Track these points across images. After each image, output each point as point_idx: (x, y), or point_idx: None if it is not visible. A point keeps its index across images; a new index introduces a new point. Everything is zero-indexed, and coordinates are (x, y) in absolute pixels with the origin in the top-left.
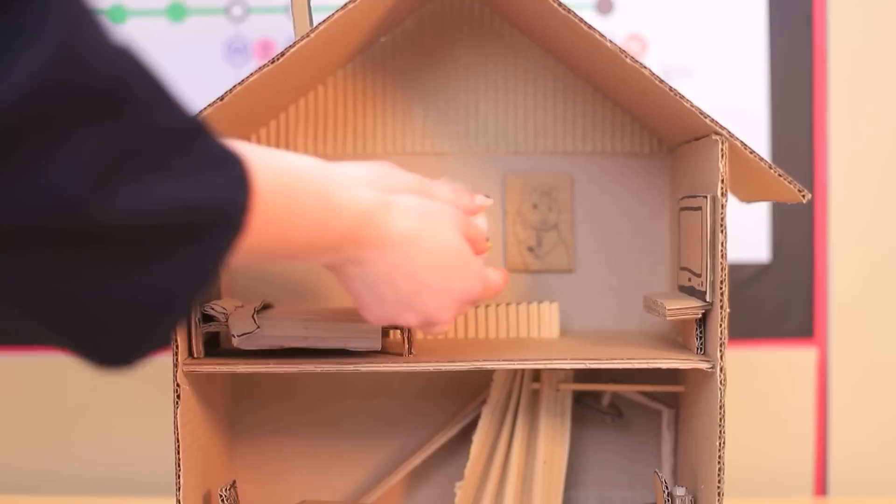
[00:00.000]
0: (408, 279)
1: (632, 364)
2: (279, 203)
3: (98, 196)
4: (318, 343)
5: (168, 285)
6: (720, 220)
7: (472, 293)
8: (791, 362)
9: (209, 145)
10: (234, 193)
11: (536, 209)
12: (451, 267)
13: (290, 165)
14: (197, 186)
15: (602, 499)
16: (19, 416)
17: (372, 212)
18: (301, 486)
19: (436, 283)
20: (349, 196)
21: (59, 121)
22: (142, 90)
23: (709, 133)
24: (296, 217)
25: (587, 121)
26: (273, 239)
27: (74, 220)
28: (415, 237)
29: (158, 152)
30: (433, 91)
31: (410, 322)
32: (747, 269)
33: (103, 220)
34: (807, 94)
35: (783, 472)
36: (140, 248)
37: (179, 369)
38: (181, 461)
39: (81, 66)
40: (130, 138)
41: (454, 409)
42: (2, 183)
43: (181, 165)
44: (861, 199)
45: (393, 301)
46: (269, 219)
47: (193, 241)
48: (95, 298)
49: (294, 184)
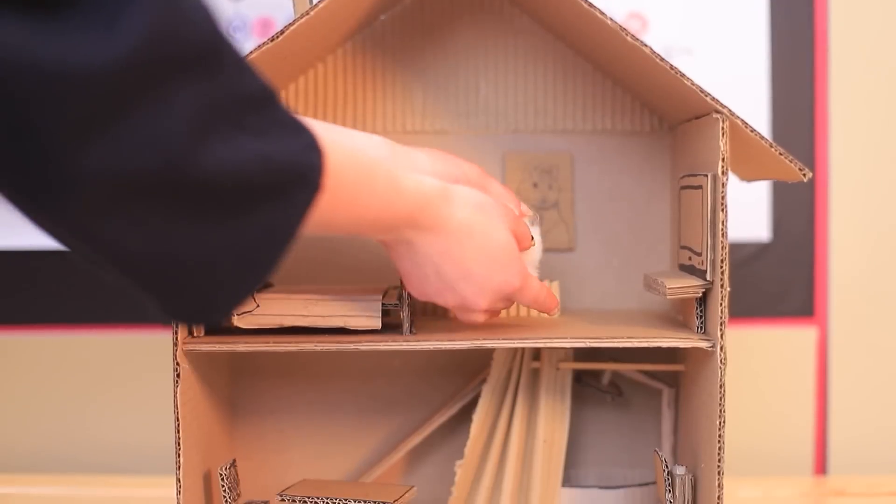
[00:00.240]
0: (454, 265)
1: (632, 343)
2: (350, 176)
3: (196, 151)
4: (317, 322)
5: (254, 242)
6: (721, 199)
7: (511, 288)
8: (791, 341)
9: (283, 111)
10: (310, 155)
11: (536, 188)
12: (496, 260)
13: (360, 143)
14: (277, 146)
15: (602, 477)
16: (19, 396)
17: (432, 198)
18: (301, 464)
19: (479, 273)
20: (413, 180)
21: (162, 78)
22: (229, 53)
23: (709, 111)
24: (365, 193)
25: (587, 99)
26: (343, 211)
27: (176, 173)
28: (468, 227)
29: (242, 113)
30: (433, 69)
31: (447, 303)
32: (747, 247)
33: (200, 174)
34: (808, 72)
35: (783, 451)
36: (229, 203)
37: (179, 348)
38: (181, 440)
39: (183, 26)
40: (220, 98)
41: (454, 387)
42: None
43: (262, 126)
44: (862, 178)
45: (436, 283)
46: (340, 190)
47: (276, 198)
48: (189, 253)
49: (364, 161)
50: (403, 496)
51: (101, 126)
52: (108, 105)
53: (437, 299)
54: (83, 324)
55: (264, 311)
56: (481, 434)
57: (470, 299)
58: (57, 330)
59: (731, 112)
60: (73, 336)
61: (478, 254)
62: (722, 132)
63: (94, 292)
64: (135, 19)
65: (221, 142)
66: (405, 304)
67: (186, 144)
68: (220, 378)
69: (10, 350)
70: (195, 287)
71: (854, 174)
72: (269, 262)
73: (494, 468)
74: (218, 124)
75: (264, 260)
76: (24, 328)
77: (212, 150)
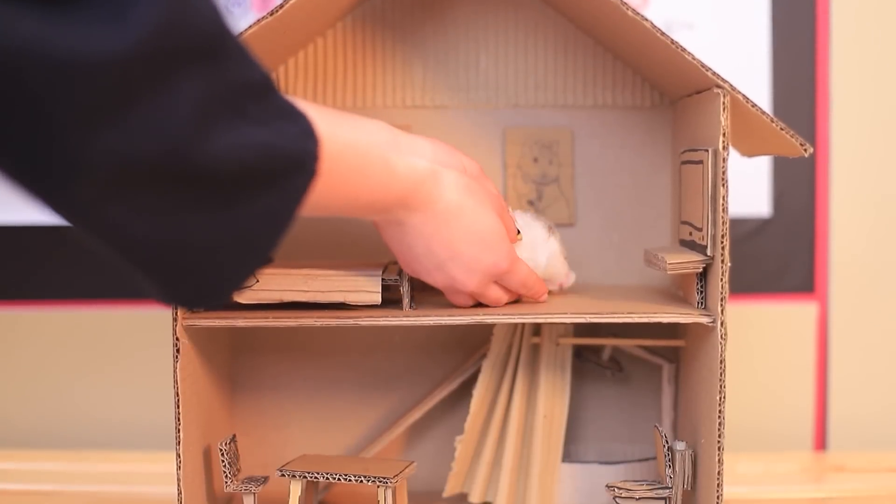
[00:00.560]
0: (443, 245)
1: (632, 318)
2: (345, 161)
3: (200, 139)
4: (317, 297)
5: (253, 227)
6: (721, 174)
7: (499, 269)
8: (792, 317)
9: (280, 99)
10: (306, 142)
11: (537, 163)
12: (484, 240)
13: (357, 128)
14: (276, 133)
15: (602, 453)
16: (19, 372)
17: (424, 179)
18: (301, 440)
19: (467, 253)
20: (407, 162)
21: (169, 68)
22: (232, 42)
23: (710, 86)
24: (360, 176)
25: (588, 74)
26: (338, 193)
27: (181, 160)
28: (457, 208)
29: (244, 101)
30: (433, 44)
31: (437, 283)
32: (748, 223)
33: (204, 162)
34: (809, 47)
35: (783, 427)
36: (230, 190)
37: (179, 323)
38: (181, 415)
39: (191, 17)
40: (224, 87)
41: (454, 363)
42: (118, 126)
43: (261, 114)
44: (862, 153)
45: (426, 262)
46: (336, 173)
47: (275, 184)
48: (191, 238)
49: (360, 145)
50: (403, 471)
51: (110, 114)
52: (117, 93)
53: (426, 279)
54: (83, 299)
55: (264, 286)
56: (481, 409)
57: (459, 279)
58: (56, 305)
59: (732, 87)
60: (72, 312)
61: (466, 234)
62: (723, 107)
63: (93, 268)
64: (144, 10)
65: (224, 130)
66: (405, 280)
67: (191, 133)
68: (220, 353)
69: (10, 326)
70: (196, 272)
71: (855, 149)
72: (267, 246)
73: (494, 444)
74: (221, 113)
75: (263, 244)
76: (24, 303)
77: (215, 138)
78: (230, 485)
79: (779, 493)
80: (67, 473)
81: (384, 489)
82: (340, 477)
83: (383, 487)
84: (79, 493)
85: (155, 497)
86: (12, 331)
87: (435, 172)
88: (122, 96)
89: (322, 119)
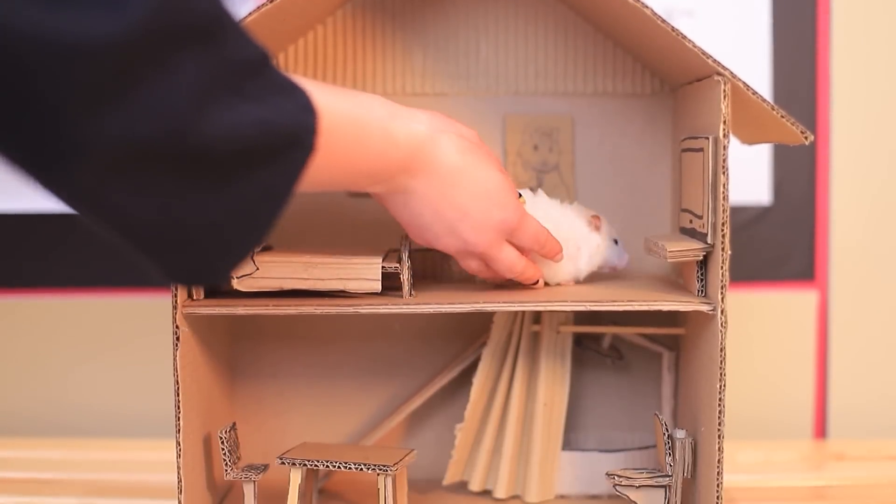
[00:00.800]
0: (450, 206)
1: (632, 306)
2: (344, 132)
3: (198, 119)
4: (317, 285)
5: (252, 204)
6: (722, 162)
7: (509, 225)
8: (792, 305)
9: (278, 75)
10: (304, 117)
11: (537, 150)
12: (490, 197)
13: (356, 99)
14: (274, 110)
15: (602, 441)
16: (19, 359)
17: (423, 143)
18: (301, 428)
19: (476, 211)
20: (405, 129)
21: (168, 50)
22: (229, 21)
23: (711, 74)
24: (359, 147)
25: (588, 61)
26: (338, 166)
27: (180, 141)
28: (459, 167)
29: (241, 79)
30: (433, 31)
31: (448, 248)
32: (748, 211)
33: (202, 142)
34: (809, 34)
35: (783, 415)
36: (229, 168)
37: (179, 311)
38: (181, 403)
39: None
40: (222, 66)
41: (454, 351)
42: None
43: (259, 91)
44: (863, 141)
45: (436, 228)
46: (335, 146)
47: (273, 160)
48: (191, 216)
49: (358, 116)
50: (403, 459)
51: (109, 96)
52: (116, 76)
53: (438, 245)
54: (82, 287)
55: (264, 274)
56: (481, 397)
57: (471, 240)
58: (57, 293)
59: (733, 74)
60: (72, 300)
61: (472, 192)
62: (723, 95)
63: (94, 255)
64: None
65: (222, 109)
66: (405, 267)
67: (190, 113)
68: (220, 341)
69: (10, 313)
70: (196, 249)
71: (855, 137)
72: (266, 222)
73: (494, 431)
74: (219, 92)
75: (262, 220)
76: (23, 291)
77: (214, 117)
78: (230, 472)
79: (779, 482)
80: (67, 461)
81: (384, 477)
82: (340, 465)
83: (383, 475)
84: (78, 480)
85: (155, 485)
86: (12, 319)
87: (433, 136)
88: (122, 79)
89: (320, 92)
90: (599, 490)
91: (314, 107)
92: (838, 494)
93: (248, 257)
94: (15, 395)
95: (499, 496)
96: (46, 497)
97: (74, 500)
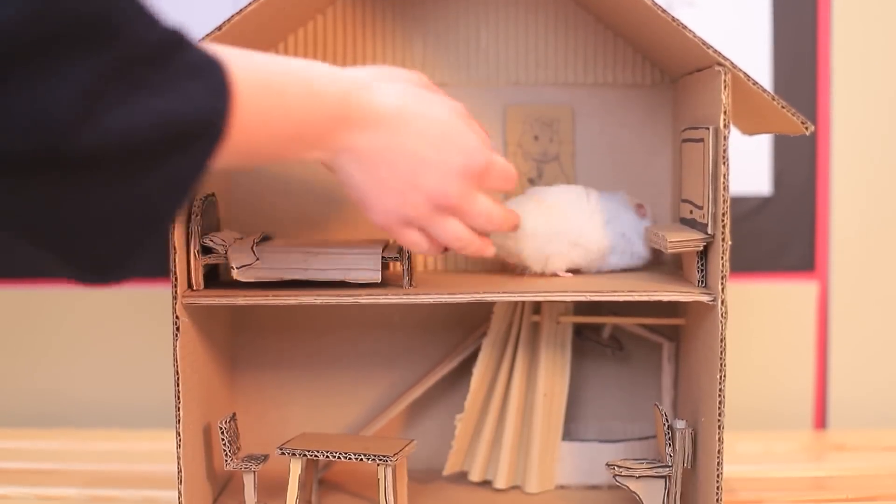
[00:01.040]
0: (404, 156)
1: (632, 297)
2: (262, 101)
3: (85, 120)
4: (317, 275)
5: (153, 198)
6: (722, 152)
7: (476, 164)
8: (792, 295)
9: (188, 56)
10: (213, 101)
11: (537, 141)
12: (445, 139)
13: (273, 63)
14: (177, 99)
15: (602, 431)
16: (19, 350)
17: (353, 90)
18: (301, 418)
19: (433, 157)
20: (329, 79)
21: (49, 50)
22: (124, 14)
23: (711, 64)
24: (280, 111)
25: (589, 52)
26: (260, 137)
27: (63, 144)
28: (401, 113)
29: (140, 72)
30: (433, 21)
31: (420, 207)
32: (749, 201)
33: (90, 143)
34: (810, 25)
35: (783, 406)
36: (125, 165)
37: (179, 301)
38: (181, 394)
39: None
40: (114, 63)
41: (454, 341)
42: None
43: (161, 81)
44: (863, 132)
45: (395, 185)
46: (252, 118)
47: (176, 153)
48: (84, 216)
49: (276, 79)
50: (403, 449)
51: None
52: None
53: (406, 209)
54: None
55: (264, 264)
56: (481, 388)
57: (438, 191)
58: (56, 284)
59: (733, 65)
60: (72, 290)
61: (423, 136)
62: (724, 85)
63: None
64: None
65: (115, 108)
66: (405, 258)
67: (76, 117)
68: (220, 332)
69: (9, 304)
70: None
71: (856, 128)
72: (168, 213)
73: (494, 422)
74: (112, 91)
75: (163, 212)
76: (23, 282)
77: (105, 117)
78: (230, 463)
79: (779, 472)
80: (68, 452)
81: (384, 467)
82: (340, 455)
83: (383, 466)
84: (79, 471)
85: (155, 475)
86: (13, 309)
87: (364, 82)
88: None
89: (239, 61)
90: (599, 480)
91: (227, 85)
92: (838, 485)
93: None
94: (16, 387)
95: (499, 486)
96: (48, 487)
97: (76, 490)
